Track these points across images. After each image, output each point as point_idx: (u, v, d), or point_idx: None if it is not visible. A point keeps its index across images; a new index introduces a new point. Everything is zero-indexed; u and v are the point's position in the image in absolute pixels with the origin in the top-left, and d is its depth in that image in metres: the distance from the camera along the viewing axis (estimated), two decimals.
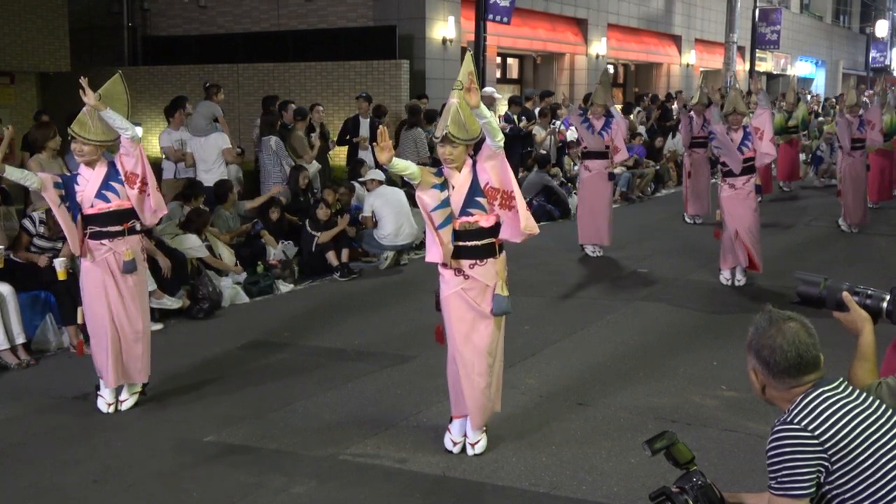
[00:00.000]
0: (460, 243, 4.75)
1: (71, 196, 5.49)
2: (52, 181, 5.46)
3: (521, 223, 4.64)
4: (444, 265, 4.78)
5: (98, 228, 5.53)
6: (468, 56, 4.80)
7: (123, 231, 5.58)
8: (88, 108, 5.39)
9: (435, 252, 4.76)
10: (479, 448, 4.93)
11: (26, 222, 7.15)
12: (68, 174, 5.80)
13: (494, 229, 4.78)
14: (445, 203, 4.72)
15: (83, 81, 5.33)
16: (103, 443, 5.16)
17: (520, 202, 4.66)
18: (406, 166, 4.69)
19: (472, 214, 4.73)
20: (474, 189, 4.71)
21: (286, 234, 9.77)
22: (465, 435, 4.96)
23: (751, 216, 8.75)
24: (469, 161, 4.77)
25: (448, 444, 4.97)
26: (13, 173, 5.44)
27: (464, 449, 4.93)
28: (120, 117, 5.38)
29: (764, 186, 12.71)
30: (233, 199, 9.47)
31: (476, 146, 4.82)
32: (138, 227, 5.70)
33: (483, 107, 4.46)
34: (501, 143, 4.62)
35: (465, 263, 4.75)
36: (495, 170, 4.66)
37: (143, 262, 5.83)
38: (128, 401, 5.68)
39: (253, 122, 13.03)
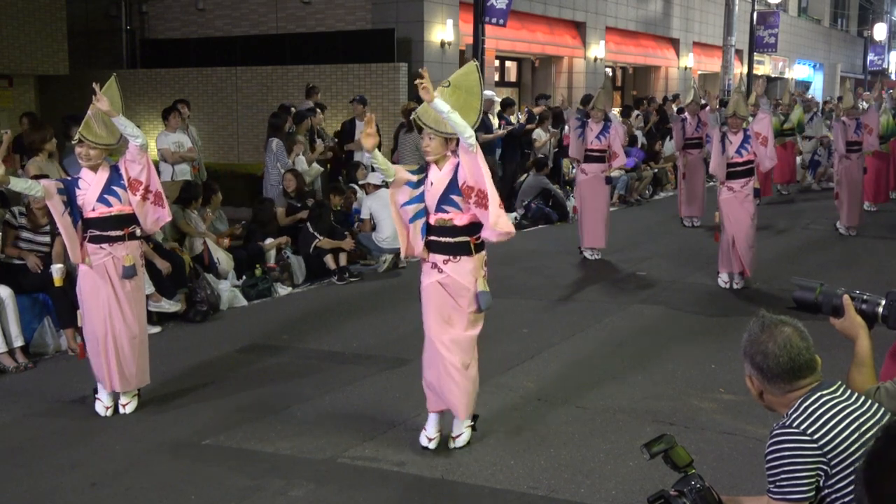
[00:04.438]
0: (433, 238, 4.85)
1: (72, 201, 5.48)
2: (56, 187, 5.44)
3: (490, 220, 4.65)
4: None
5: (98, 232, 5.52)
6: (472, 65, 4.82)
7: (124, 236, 5.57)
8: (93, 112, 5.37)
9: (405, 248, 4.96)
10: (461, 441, 4.91)
11: (8, 216, 7.14)
12: (69, 178, 5.79)
13: (469, 228, 4.81)
14: (419, 199, 4.84)
15: (96, 87, 5.31)
16: (101, 446, 5.15)
17: (492, 200, 4.63)
18: (384, 162, 4.85)
19: (446, 212, 4.79)
20: (451, 187, 4.75)
21: (276, 234, 9.70)
22: (440, 430, 4.95)
23: (748, 220, 8.77)
24: (454, 159, 4.78)
25: (423, 441, 4.95)
26: (17, 184, 5.43)
27: (443, 445, 4.91)
28: (131, 124, 5.39)
29: (762, 189, 12.72)
30: (195, 205, 9.22)
31: None
32: (138, 232, 5.70)
33: (439, 101, 4.47)
34: (472, 140, 4.58)
35: (438, 258, 4.83)
36: (467, 166, 4.66)
37: (142, 268, 5.83)
38: (129, 404, 5.67)
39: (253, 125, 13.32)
